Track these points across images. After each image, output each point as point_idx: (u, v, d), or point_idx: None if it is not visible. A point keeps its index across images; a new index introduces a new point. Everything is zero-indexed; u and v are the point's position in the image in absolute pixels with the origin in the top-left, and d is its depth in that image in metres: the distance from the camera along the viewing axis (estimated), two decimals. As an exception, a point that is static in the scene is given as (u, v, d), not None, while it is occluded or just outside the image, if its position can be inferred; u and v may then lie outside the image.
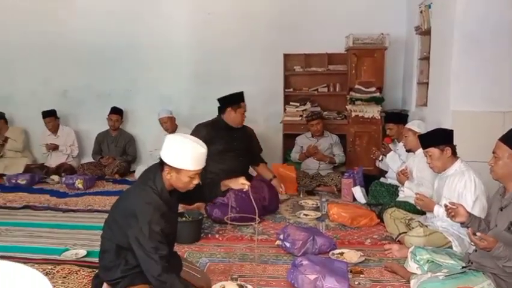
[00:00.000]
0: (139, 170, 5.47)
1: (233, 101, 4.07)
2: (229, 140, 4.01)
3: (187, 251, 3.15)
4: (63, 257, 3.08)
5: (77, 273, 2.80)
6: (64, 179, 5.12)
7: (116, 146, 5.84)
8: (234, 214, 3.66)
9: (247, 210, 3.64)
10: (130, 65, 5.91)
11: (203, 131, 3.95)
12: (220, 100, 4.19)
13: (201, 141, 2.19)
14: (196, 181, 2.18)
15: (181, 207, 4.03)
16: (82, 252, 3.13)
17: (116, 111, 5.83)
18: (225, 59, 5.81)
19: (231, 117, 4.07)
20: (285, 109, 5.69)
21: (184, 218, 3.37)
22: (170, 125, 5.50)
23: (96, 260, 2.86)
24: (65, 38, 5.95)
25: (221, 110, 4.24)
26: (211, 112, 5.59)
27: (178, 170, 2.11)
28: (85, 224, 3.81)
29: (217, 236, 3.49)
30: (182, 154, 2.10)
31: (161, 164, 2.16)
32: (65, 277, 2.76)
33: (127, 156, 5.85)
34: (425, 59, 4.79)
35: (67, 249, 3.21)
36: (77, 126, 6.16)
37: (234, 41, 5.77)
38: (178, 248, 3.17)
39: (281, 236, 3.19)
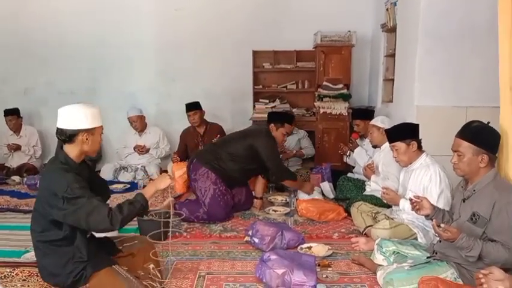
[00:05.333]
0: (105, 169, 5.34)
1: (279, 118, 4.10)
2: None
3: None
4: (23, 259, 2.97)
5: (37, 275, 2.68)
6: (25, 179, 4.95)
7: (79, 145, 5.65)
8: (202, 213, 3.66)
9: (215, 212, 3.66)
10: (94, 62, 5.76)
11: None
12: (271, 114, 4.24)
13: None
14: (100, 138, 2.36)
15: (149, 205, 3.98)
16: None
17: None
18: (192, 56, 5.76)
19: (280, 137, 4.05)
20: (254, 106, 5.67)
21: (150, 217, 3.29)
22: (139, 124, 5.39)
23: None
24: (25, 36, 5.75)
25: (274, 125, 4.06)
26: (177, 109, 5.55)
27: (92, 131, 2.25)
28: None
29: (185, 234, 3.44)
30: (92, 115, 2.25)
31: (68, 140, 2.22)
32: (24, 279, 2.66)
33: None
34: (391, 56, 4.87)
35: (27, 251, 3.08)
36: (40, 125, 5.96)
37: (201, 37, 5.72)
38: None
39: (250, 232, 3.18)
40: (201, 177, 3.80)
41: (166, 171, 5.15)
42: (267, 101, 5.64)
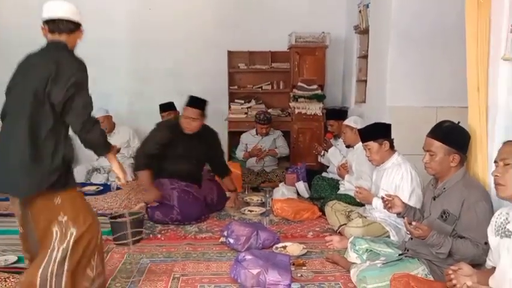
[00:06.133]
0: (77, 171, 5.17)
1: (186, 102, 3.89)
2: (186, 147, 3.80)
3: (127, 252, 3.04)
4: (-6, 264, 2.88)
5: (6, 281, 2.61)
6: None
7: (52, 147, 5.51)
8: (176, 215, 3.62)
9: (188, 210, 3.61)
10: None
11: (165, 132, 3.79)
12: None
13: None
14: None
15: (122, 207, 3.92)
16: (12, 258, 2.94)
17: None
18: (166, 56, 5.70)
19: (181, 119, 3.86)
20: (230, 106, 5.67)
21: (124, 218, 3.25)
22: (107, 125, 5.27)
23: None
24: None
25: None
26: (149, 109, 5.47)
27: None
28: (16, 229, 3.55)
29: (159, 236, 3.40)
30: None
31: (70, 31, 2.32)
32: (-7, 287, 2.58)
33: (64, 157, 5.56)
34: (364, 57, 4.95)
35: (-1, 256, 3.00)
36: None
37: (176, 37, 5.67)
38: (118, 250, 3.07)
39: (225, 233, 3.17)
40: (158, 189, 3.78)
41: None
42: (243, 101, 5.65)
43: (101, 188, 4.79)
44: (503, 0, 2.26)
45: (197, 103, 3.82)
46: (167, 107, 5.02)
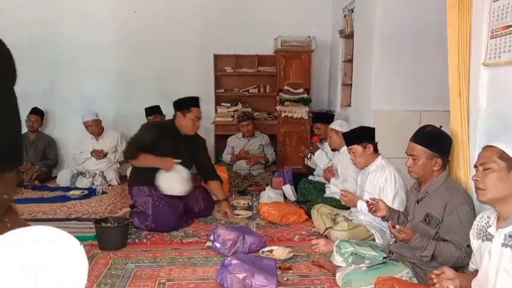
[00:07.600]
0: (61, 174, 5.17)
1: (183, 105, 3.82)
2: (175, 146, 3.76)
3: (112, 257, 3.01)
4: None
5: None
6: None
7: (35, 150, 5.45)
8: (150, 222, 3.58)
9: (162, 219, 3.58)
10: (49, 63, 5.56)
11: (151, 132, 3.78)
12: (173, 103, 3.91)
13: None
14: None
15: (107, 212, 3.89)
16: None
17: (36, 112, 5.46)
18: (152, 59, 5.68)
19: (180, 122, 3.83)
20: (216, 110, 5.67)
21: (109, 224, 3.23)
22: (96, 129, 5.25)
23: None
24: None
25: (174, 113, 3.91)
26: (136, 112, 5.45)
27: None
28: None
29: (144, 240, 3.37)
30: None
31: None
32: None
33: (48, 161, 5.50)
34: (349, 61, 4.99)
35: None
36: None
37: (162, 40, 5.65)
38: (103, 255, 3.04)
39: (211, 237, 3.16)
40: (136, 197, 3.74)
41: (125, 177, 5.04)
42: (229, 104, 5.66)
43: (86, 192, 4.75)
44: (483, 8, 2.32)
45: (198, 102, 3.88)
46: (153, 111, 5.00)
